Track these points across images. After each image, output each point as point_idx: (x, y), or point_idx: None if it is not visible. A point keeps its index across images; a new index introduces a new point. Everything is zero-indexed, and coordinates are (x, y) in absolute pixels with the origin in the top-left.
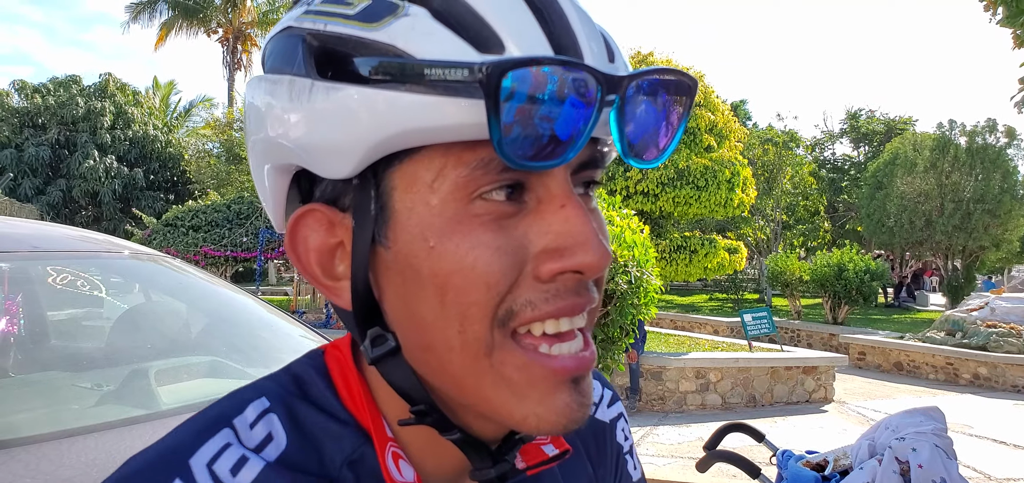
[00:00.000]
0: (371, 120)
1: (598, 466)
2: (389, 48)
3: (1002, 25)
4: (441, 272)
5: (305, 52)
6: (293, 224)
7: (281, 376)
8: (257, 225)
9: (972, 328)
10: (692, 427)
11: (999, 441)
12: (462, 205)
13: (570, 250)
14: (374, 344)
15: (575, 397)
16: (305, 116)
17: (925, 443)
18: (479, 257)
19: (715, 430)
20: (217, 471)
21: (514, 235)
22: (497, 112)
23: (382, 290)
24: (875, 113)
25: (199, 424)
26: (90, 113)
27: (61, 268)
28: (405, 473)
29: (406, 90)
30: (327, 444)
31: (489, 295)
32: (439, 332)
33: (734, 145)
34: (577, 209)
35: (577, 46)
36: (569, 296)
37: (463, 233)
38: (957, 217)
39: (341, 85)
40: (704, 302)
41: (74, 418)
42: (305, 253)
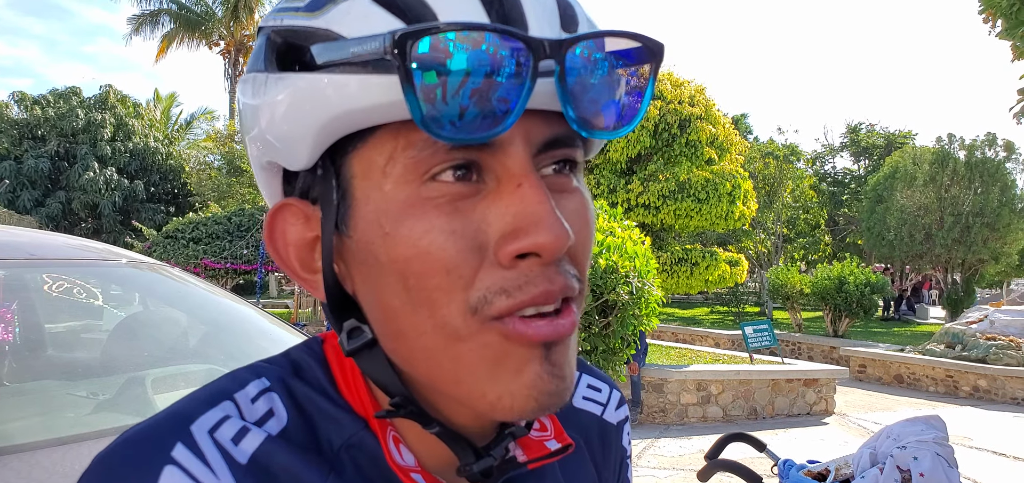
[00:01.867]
0: (313, 105)
1: (603, 468)
2: (328, 33)
3: (1001, 37)
4: (399, 258)
5: (268, 48)
6: (270, 219)
7: (279, 360)
8: (258, 237)
9: (972, 341)
10: (693, 439)
11: (999, 453)
12: (414, 188)
13: (524, 231)
14: (350, 337)
15: (546, 368)
16: (264, 109)
17: (927, 452)
18: (433, 241)
19: (716, 440)
20: (219, 439)
21: (472, 217)
22: (411, 84)
23: (353, 281)
24: (875, 127)
25: (199, 396)
26: (90, 125)
27: (57, 276)
28: (406, 458)
29: (340, 72)
30: (325, 426)
31: (450, 279)
32: (408, 319)
33: (735, 158)
34: (533, 187)
35: (520, 11)
36: (540, 283)
37: (416, 217)
38: (956, 230)
39: (286, 74)
40: (705, 315)
41: (69, 426)
42: (284, 247)
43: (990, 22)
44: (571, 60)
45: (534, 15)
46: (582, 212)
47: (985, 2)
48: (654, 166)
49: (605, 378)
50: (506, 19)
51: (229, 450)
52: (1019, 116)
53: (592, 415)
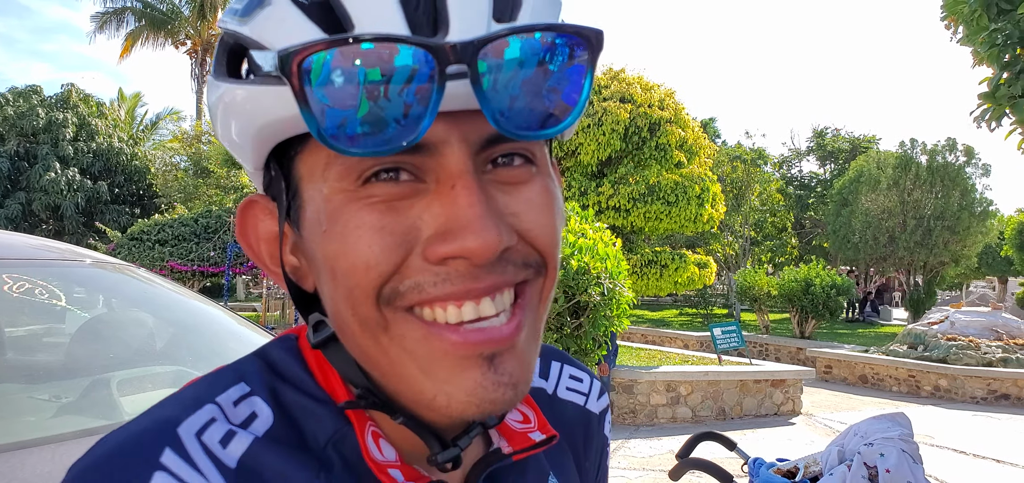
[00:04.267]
0: (243, 114)
1: (584, 458)
2: (253, 41)
3: (963, 43)
4: (330, 254)
5: (219, 53)
6: (241, 212)
7: (255, 360)
8: (225, 239)
9: (933, 341)
10: (663, 440)
11: (960, 451)
12: (351, 189)
13: (454, 233)
14: (316, 330)
15: (489, 376)
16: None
17: (892, 448)
18: (360, 238)
19: (687, 439)
20: (207, 442)
21: (407, 216)
22: (303, 99)
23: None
24: (841, 132)
25: (181, 399)
26: (51, 124)
27: (18, 276)
28: (387, 452)
29: (260, 83)
30: (309, 424)
31: (369, 276)
32: (340, 315)
33: (704, 162)
34: (467, 189)
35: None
36: (462, 281)
37: (349, 215)
38: (918, 233)
39: (221, 83)
40: (674, 317)
41: (30, 430)
42: (255, 241)
43: (951, 28)
44: (486, 62)
45: (459, 11)
46: (539, 199)
47: (947, 8)
48: (624, 169)
49: (585, 369)
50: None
51: (217, 454)
52: (978, 120)
53: (576, 406)
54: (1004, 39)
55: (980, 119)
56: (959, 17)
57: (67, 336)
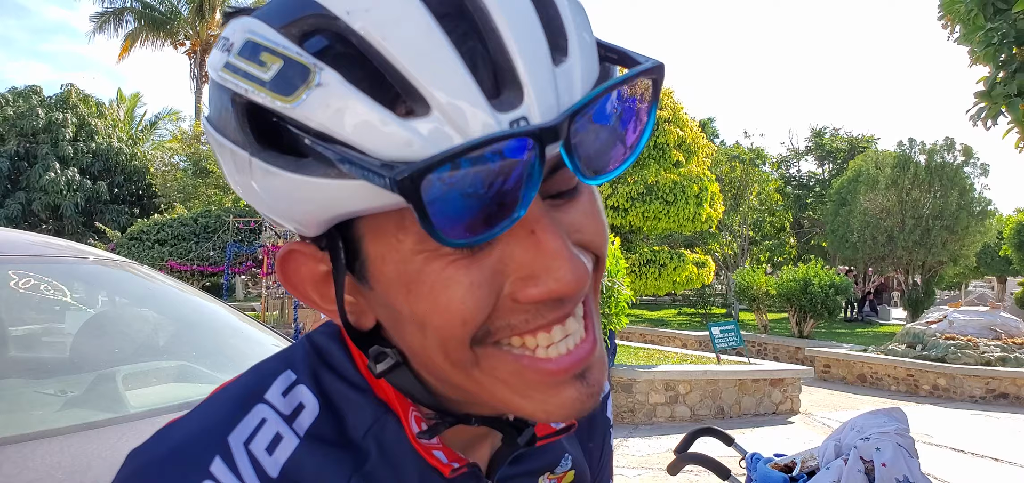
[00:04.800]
0: (312, 204)
1: (589, 439)
2: (308, 128)
3: (960, 42)
4: (420, 312)
5: (238, 117)
6: (281, 261)
7: (304, 346)
8: (224, 239)
9: (931, 341)
10: (661, 439)
11: (957, 449)
12: (431, 249)
13: (541, 277)
14: (377, 360)
15: (582, 389)
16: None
17: (888, 442)
18: (453, 297)
19: (686, 434)
20: (254, 451)
21: (487, 264)
22: (423, 212)
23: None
24: (839, 131)
25: (233, 400)
26: (51, 124)
27: (24, 273)
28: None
29: (335, 176)
30: (350, 413)
31: (466, 329)
32: (429, 358)
33: (702, 161)
34: (547, 232)
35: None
36: (550, 312)
37: (435, 275)
38: (917, 233)
39: (276, 170)
40: (673, 316)
41: (38, 422)
42: (300, 283)
43: (949, 27)
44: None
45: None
46: (590, 206)
47: (944, 7)
48: None
49: None
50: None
51: (262, 463)
52: (975, 118)
53: None
54: (1000, 38)
55: (976, 117)
56: (956, 16)
57: (71, 332)
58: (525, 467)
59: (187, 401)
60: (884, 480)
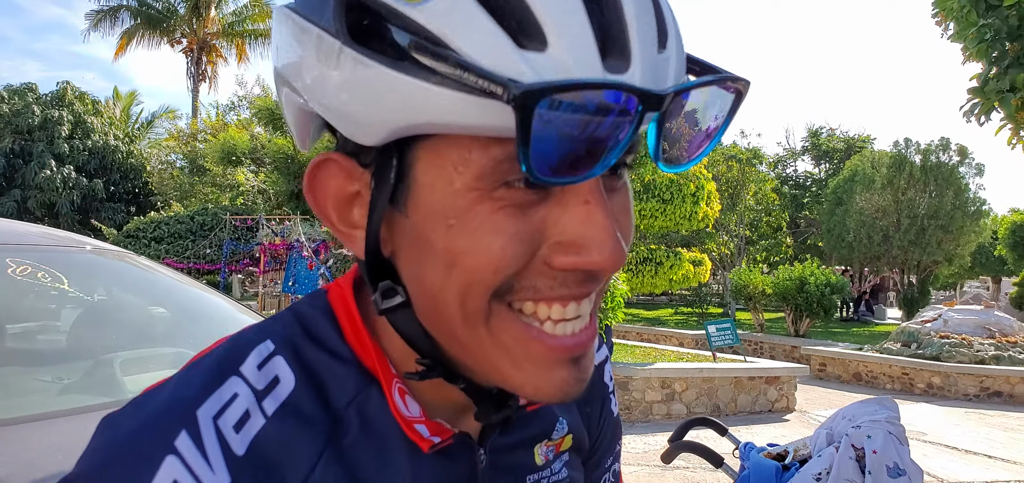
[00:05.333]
0: (397, 105)
1: (586, 404)
2: (425, 31)
3: (953, 40)
4: (454, 249)
5: (338, 7)
6: (313, 168)
7: (286, 316)
8: (221, 237)
9: (926, 339)
10: (658, 436)
11: (951, 447)
12: (485, 190)
13: (585, 248)
14: (384, 296)
15: (573, 373)
16: (331, 80)
17: (879, 430)
18: (495, 241)
19: (680, 423)
20: (222, 426)
21: (533, 221)
22: (527, 136)
23: (396, 249)
24: (835, 131)
25: (209, 371)
26: (47, 122)
27: (21, 261)
28: (412, 408)
29: (436, 83)
30: (332, 385)
31: (496, 275)
32: (441, 301)
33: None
34: (600, 207)
35: (626, 42)
36: (575, 285)
37: (483, 215)
38: (912, 232)
39: (370, 62)
40: (670, 315)
41: (37, 405)
42: (323, 197)
43: (942, 24)
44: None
45: (638, 41)
46: (626, 207)
47: (938, 5)
48: None
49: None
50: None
51: (229, 440)
52: (968, 115)
53: None
54: (993, 34)
55: (970, 113)
56: (949, 13)
57: (69, 320)
58: (518, 436)
59: None
60: (875, 467)
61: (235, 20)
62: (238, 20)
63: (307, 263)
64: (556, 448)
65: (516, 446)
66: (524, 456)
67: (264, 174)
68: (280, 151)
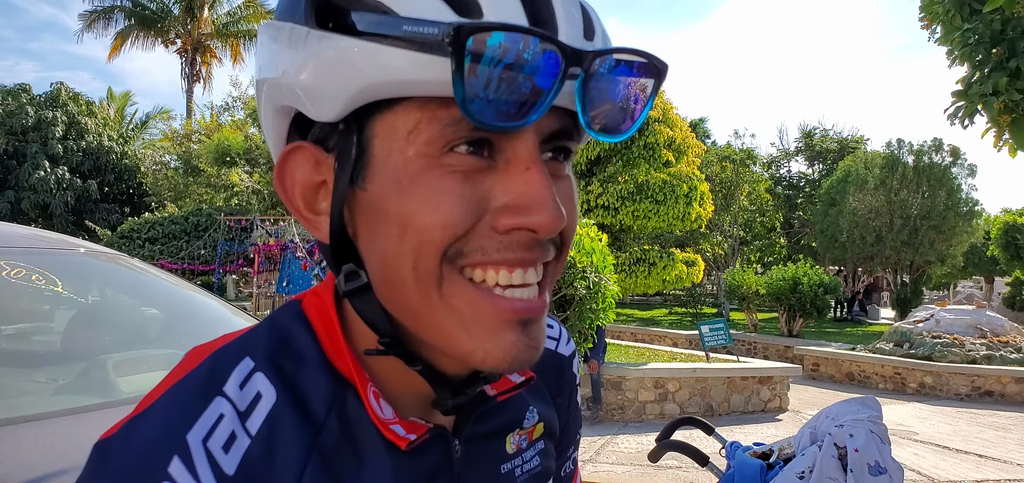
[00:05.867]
0: (355, 69)
1: (557, 395)
2: (377, 5)
3: (939, 43)
4: (406, 211)
5: (307, 4)
6: (283, 158)
7: (263, 329)
8: (215, 238)
9: (918, 339)
10: (651, 436)
11: (943, 446)
12: (434, 156)
13: (527, 209)
14: (347, 279)
15: (522, 338)
16: (300, 60)
17: (861, 429)
18: (442, 201)
19: (667, 423)
20: (211, 448)
21: (480, 188)
22: (461, 72)
23: (357, 229)
24: (829, 132)
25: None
26: (41, 123)
27: (14, 263)
28: (385, 411)
29: (388, 44)
30: (311, 393)
31: (444, 235)
32: (396, 268)
33: (692, 160)
34: (539, 173)
35: (553, 17)
36: (520, 250)
37: (432, 179)
38: (905, 233)
39: (332, 35)
40: (663, 316)
41: (32, 407)
42: (291, 186)
43: (928, 28)
44: (595, 69)
45: (565, 22)
46: (570, 195)
47: (924, 9)
48: (613, 168)
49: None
50: (539, 20)
51: (219, 462)
52: (953, 117)
53: (548, 351)
54: (976, 39)
55: (954, 116)
56: (935, 18)
57: (62, 322)
58: (490, 425)
59: None
60: (856, 465)
61: (230, 21)
62: (232, 21)
63: (301, 264)
64: (528, 436)
65: (488, 436)
66: (497, 445)
67: (258, 175)
68: None
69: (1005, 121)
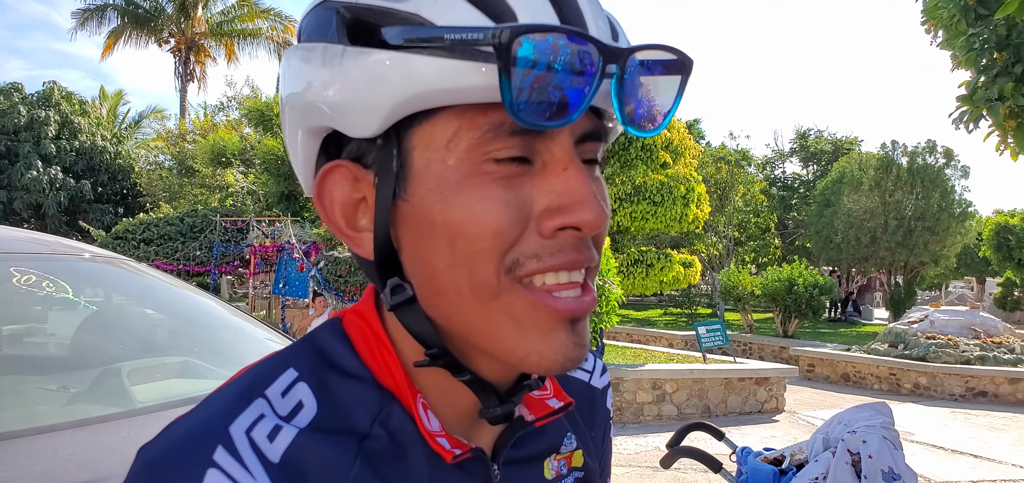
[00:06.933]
0: (395, 82)
1: (591, 428)
2: (413, 17)
3: (942, 47)
4: (453, 221)
5: (338, 22)
6: (321, 178)
7: (303, 345)
8: (211, 238)
9: (913, 340)
10: (649, 437)
11: (938, 447)
12: (475, 164)
13: (570, 208)
14: (393, 293)
15: (572, 337)
16: (336, 78)
17: (874, 435)
18: (488, 209)
19: (677, 429)
20: (255, 438)
21: (520, 193)
22: (509, 75)
23: (400, 241)
24: (823, 133)
25: (233, 395)
26: (33, 122)
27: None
28: (433, 422)
29: (427, 54)
30: (354, 406)
31: (496, 243)
32: (450, 278)
33: (689, 162)
34: (578, 172)
35: (582, 21)
36: (570, 252)
37: (474, 187)
38: (899, 234)
39: (370, 50)
40: (659, 316)
41: (49, 417)
42: (330, 205)
43: (932, 32)
44: (629, 66)
45: (593, 23)
46: (604, 195)
47: (928, 13)
48: (611, 169)
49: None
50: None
51: (264, 450)
52: (957, 122)
53: (582, 382)
54: (982, 44)
55: (959, 121)
56: (939, 22)
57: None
58: (528, 450)
59: (192, 396)
60: (870, 471)
61: (223, 20)
62: (227, 20)
63: (297, 265)
64: (567, 462)
65: (526, 460)
66: (535, 471)
67: (254, 175)
68: (270, 152)
69: (1010, 126)
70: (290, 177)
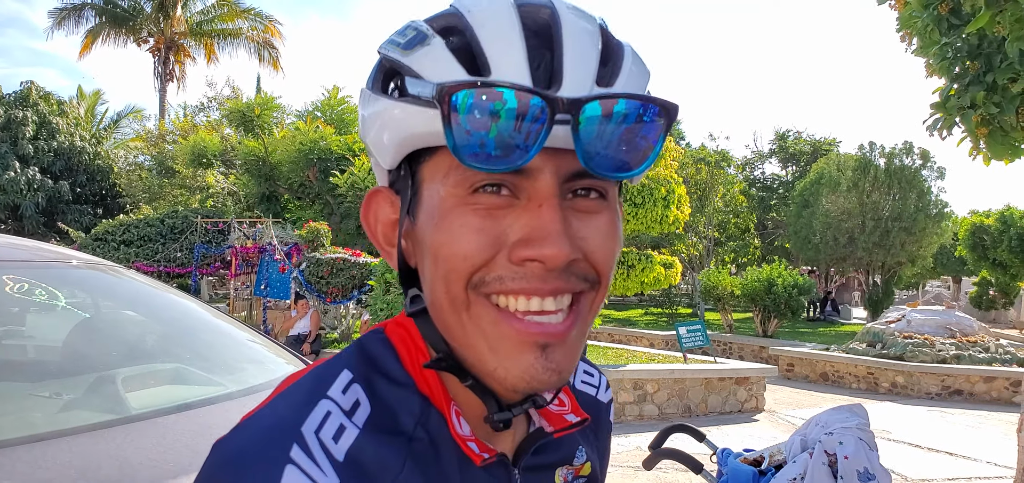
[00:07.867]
0: (394, 125)
1: (598, 440)
2: (411, 70)
3: (917, 55)
4: (437, 242)
5: (376, 71)
6: (367, 200)
7: (353, 351)
8: (192, 240)
9: (890, 339)
10: (631, 437)
11: (915, 445)
12: (463, 195)
13: (535, 241)
14: (412, 302)
15: (540, 360)
16: (365, 120)
17: (850, 436)
18: (462, 235)
19: (659, 431)
20: (322, 438)
21: (500, 223)
22: (448, 122)
23: (416, 258)
24: (802, 134)
25: (300, 397)
26: (10, 122)
27: (16, 278)
28: (464, 427)
29: (412, 103)
30: (399, 409)
31: (464, 264)
32: (436, 292)
33: (669, 164)
34: (551, 209)
35: (559, 71)
36: (534, 280)
37: (456, 216)
38: (877, 234)
39: (379, 97)
40: (640, 316)
41: (47, 424)
42: (374, 223)
43: (907, 40)
44: (587, 115)
45: (571, 74)
46: (605, 228)
47: (902, 23)
48: None
49: (594, 365)
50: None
51: (330, 449)
52: (931, 129)
53: (589, 396)
54: (954, 53)
55: (933, 127)
56: (913, 31)
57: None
58: (545, 459)
59: (186, 402)
60: (846, 472)
61: (203, 19)
62: (206, 19)
63: (279, 266)
64: (576, 472)
65: (541, 467)
66: (547, 478)
67: (235, 176)
68: (251, 153)
69: (982, 133)
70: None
